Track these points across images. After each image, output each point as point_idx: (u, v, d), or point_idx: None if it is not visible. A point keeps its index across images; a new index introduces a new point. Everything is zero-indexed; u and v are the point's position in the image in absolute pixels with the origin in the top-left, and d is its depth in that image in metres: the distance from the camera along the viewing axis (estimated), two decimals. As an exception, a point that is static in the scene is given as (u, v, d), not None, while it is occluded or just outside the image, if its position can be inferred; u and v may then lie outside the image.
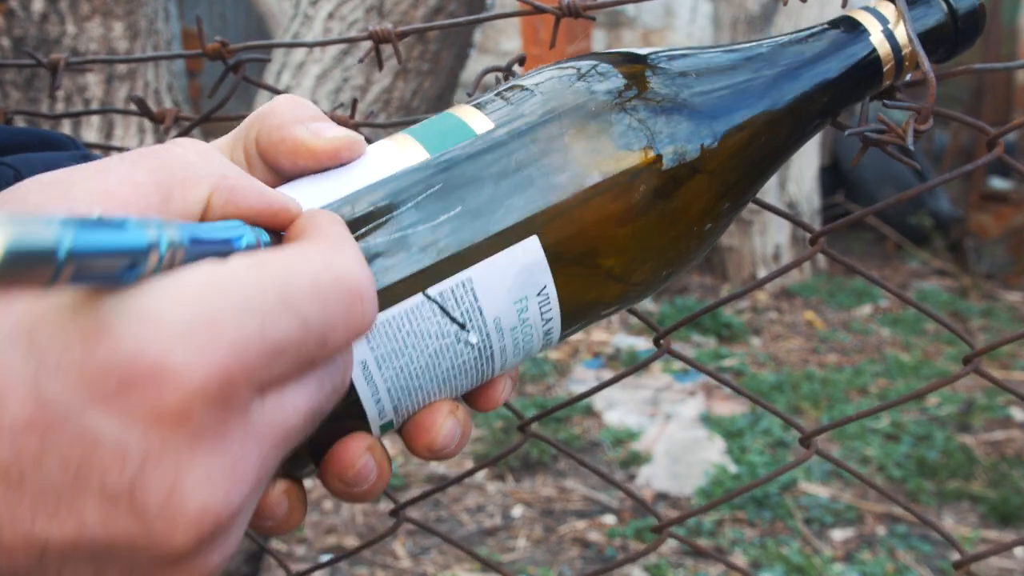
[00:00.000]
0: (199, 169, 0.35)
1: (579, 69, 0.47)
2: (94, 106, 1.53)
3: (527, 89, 0.47)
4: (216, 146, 0.45)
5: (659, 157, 0.46)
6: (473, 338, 0.44)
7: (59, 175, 0.33)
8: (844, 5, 0.56)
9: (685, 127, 0.47)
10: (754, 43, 0.51)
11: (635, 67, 0.48)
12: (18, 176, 0.50)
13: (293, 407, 0.33)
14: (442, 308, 0.43)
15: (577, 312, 0.47)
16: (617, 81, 0.47)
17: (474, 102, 0.48)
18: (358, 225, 0.42)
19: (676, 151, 0.46)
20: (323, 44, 0.81)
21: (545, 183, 0.44)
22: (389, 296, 0.42)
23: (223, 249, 0.33)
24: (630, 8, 5.72)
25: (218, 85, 0.79)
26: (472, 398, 0.48)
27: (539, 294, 0.45)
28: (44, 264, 0.24)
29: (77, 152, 0.54)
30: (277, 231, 0.39)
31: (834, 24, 0.53)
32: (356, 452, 0.43)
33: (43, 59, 0.83)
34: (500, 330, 0.45)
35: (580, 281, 0.46)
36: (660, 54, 0.49)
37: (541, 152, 0.45)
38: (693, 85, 0.48)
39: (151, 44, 1.57)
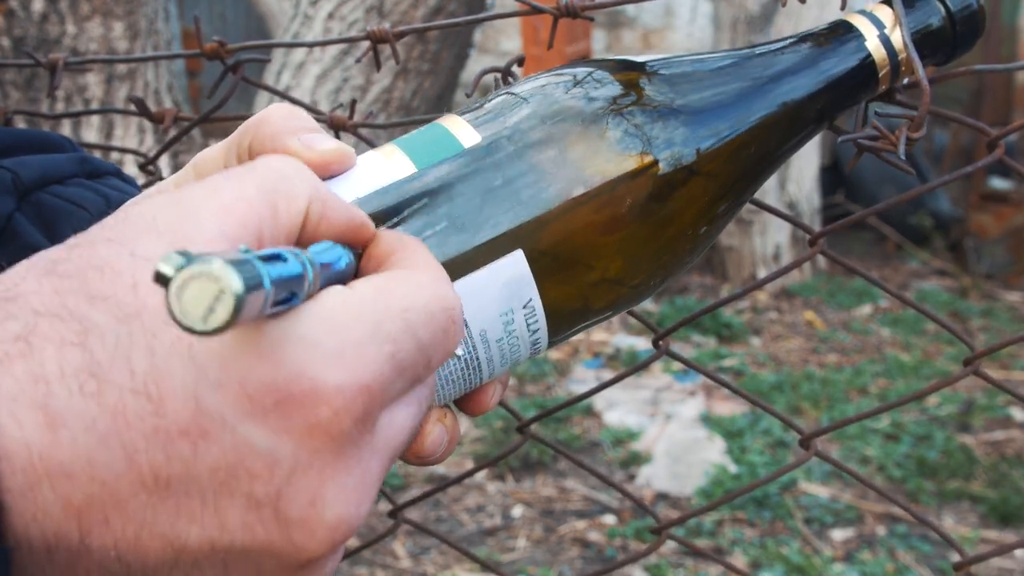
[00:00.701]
0: (297, 183, 0.37)
1: (572, 77, 0.48)
2: (94, 106, 1.53)
3: (516, 97, 0.47)
4: (211, 153, 0.46)
5: (653, 163, 0.46)
6: (459, 351, 0.44)
7: (172, 196, 0.35)
8: (843, 6, 0.56)
9: (678, 133, 0.47)
10: (748, 48, 0.51)
11: (628, 74, 0.48)
12: (16, 178, 0.50)
13: (402, 422, 0.36)
14: None
15: (566, 320, 0.48)
16: (607, 89, 0.47)
17: (463, 112, 0.48)
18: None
19: (669, 156, 0.46)
20: (323, 44, 0.81)
21: (530, 195, 0.45)
22: None
23: (332, 273, 0.36)
24: (630, 8, 5.72)
25: (217, 85, 0.79)
26: (462, 404, 0.49)
27: (525, 306, 0.45)
28: (259, 299, 0.27)
29: (75, 154, 0.54)
30: (357, 247, 0.41)
31: (829, 29, 0.53)
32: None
33: (42, 59, 0.83)
34: (486, 342, 0.45)
35: (568, 290, 0.46)
36: (653, 61, 0.49)
37: (526, 165, 0.45)
38: (685, 91, 0.48)
39: (151, 44, 1.57)
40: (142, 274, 0.31)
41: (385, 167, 0.45)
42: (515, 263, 0.44)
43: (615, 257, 0.46)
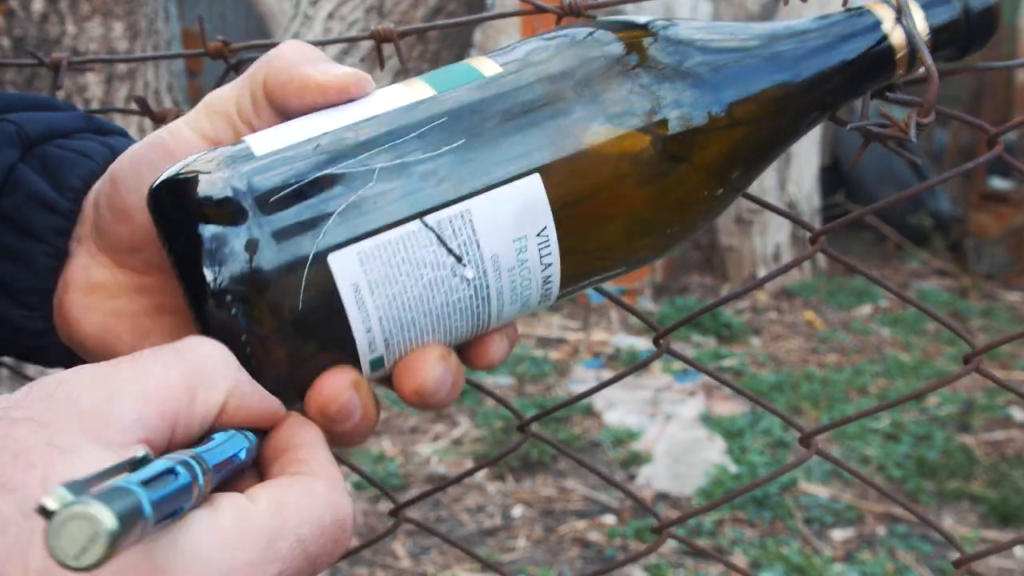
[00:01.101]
0: (219, 373, 0.39)
1: (595, 30, 0.48)
2: (94, 106, 1.53)
3: (545, 39, 0.47)
4: (222, 92, 0.47)
5: (666, 120, 0.46)
6: (469, 272, 0.43)
7: (101, 373, 0.36)
8: (844, 4, 0.56)
9: (695, 94, 0.47)
10: (771, 24, 0.51)
11: (653, 34, 0.48)
12: (20, 131, 0.50)
13: None
14: (439, 237, 0.42)
15: (580, 265, 0.47)
16: (634, 43, 0.47)
17: (488, 55, 0.48)
18: (361, 148, 0.42)
19: (682, 115, 0.46)
20: (323, 44, 0.81)
21: (552, 126, 0.44)
22: (386, 219, 0.42)
23: (233, 464, 0.38)
24: (630, 8, 5.72)
25: (219, 84, 0.79)
26: (467, 352, 0.48)
27: (539, 234, 0.44)
28: (137, 529, 0.29)
29: (78, 113, 0.54)
30: (264, 430, 0.42)
31: (849, 13, 0.53)
32: (340, 386, 0.43)
33: (45, 59, 0.83)
34: (497, 269, 0.44)
35: (583, 229, 0.46)
36: (679, 24, 0.49)
37: (550, 96, 0.45)
38: (706, 54, 0.48)
39: (151, 44, 1.57)
40: (54, 469, 0.32)
41: (404, 92, 0.45)
42: (532, 186, 0.44)
43: (633, 205, 0.46)
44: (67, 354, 0.51)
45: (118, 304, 0.49)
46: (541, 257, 0.45)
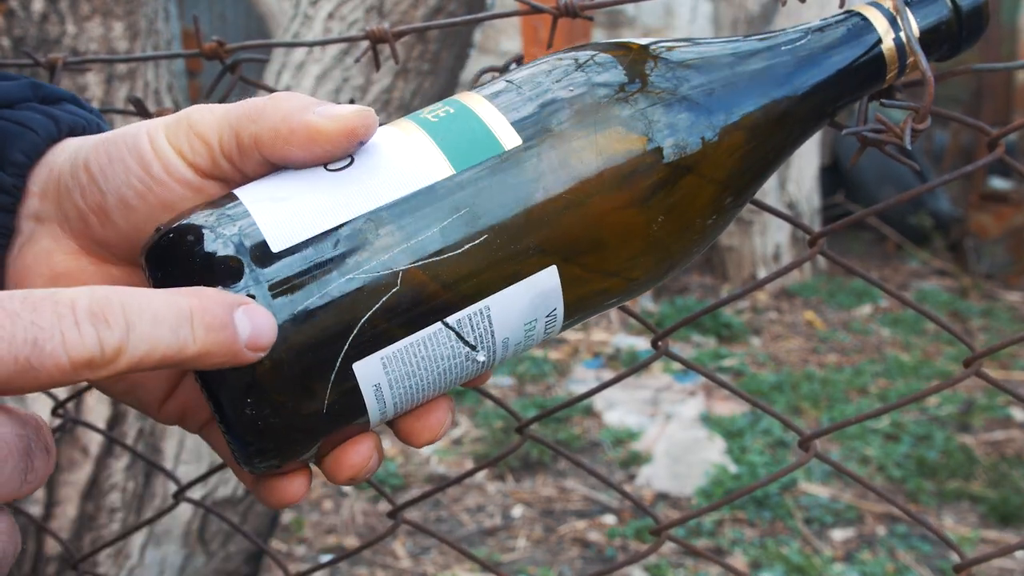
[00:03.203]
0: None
1: (587, 62, 0.47)
2: (94, 106, 1.53)
3: (547, 87, 0.46)
4: (204, 118, 0.44)
5: (658, 149, 0.45)
6: (481, 357, 0.45)
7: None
8: (842, 5, 0.56)
9: (692, 120, 0.46)
10: (756, 37, 0.51)
11: (637, 58, 0.47)
12: None
13: None
14: (458, 335, 0.43)
15: (578, 313, 0.48)
16: (621, 75, 0.46)
17: (490, 93, 0.46)
18: (382, 251, 0.41)
19: (682, 143, 0.46)
20: (323, 44, 0.81)
21: (573, 216, 0.44)
22: (411, 322, 0.42)
23: None
24: (630, 8, 5.72)
25: (215, 85, 0.79)
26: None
27: (548, 315, 0.46)
28: None
29: (26, 80, 0.52)
30: None
31: (840, 19, 0.52)
32: (365, 454, 0.45)
33: (41, 59, 0.82)
34: (507, 347, 0.46)
35: (584, 283, 0.46)
36: (661, 45, 0.49)
37: (568, 172, 0.44)
38: (694, 78, 0.47)
39: (151, 44, 1.57)
40: None
41: (418, 161, 0.43)
42: (549, 278, 0.44)
43: (635, 246, 0.46)
44: None
45: None
46: (546, 330, 0.47)
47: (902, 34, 0.52)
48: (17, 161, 0.47)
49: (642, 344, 3.78)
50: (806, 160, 4.65)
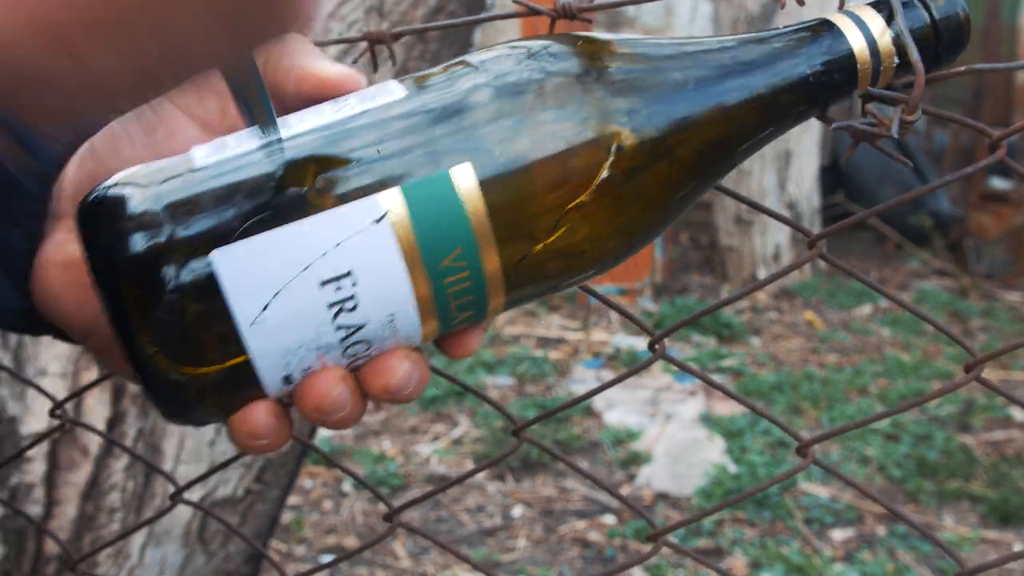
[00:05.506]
0: None
1: (531, 48, 0.47)
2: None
3: (471, 65, 0.46)
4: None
5: (614, 135, 0.45)
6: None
7: None
8: (841, 6, 0.56)
9: (640, 109, 0.46)
10: (723, 37, 0.50)
11: (592, 47, 0.47)
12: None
13: None
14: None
15: (524, 282, 0.46)
16: (573, 61, 0.46)
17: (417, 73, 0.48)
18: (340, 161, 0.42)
19: (630, 134, 0.45)
20: (322, 44, 0.81)
21: (498, 148, 0.43)
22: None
23: None
24: (629, 8, 5.72)
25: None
26: (443, 344, 0.48)
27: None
28: None
29: None
30: None
31: (809, 26, 0.52)
32: (329, 383, 0.43)
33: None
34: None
35: (523, 251, 0.45)
36: (621, 39, 0.48)
37: (493, 115, 0.44)
38: (655, 70, 0.47)
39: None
40: None
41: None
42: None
43: (575, 225, 0.45)
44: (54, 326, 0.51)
45: None
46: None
47: (877, 40, 0.51)
48: (44, 172, 0.49)
49: (642, 344, 3.78)
50: (806, 160, 4.65)
